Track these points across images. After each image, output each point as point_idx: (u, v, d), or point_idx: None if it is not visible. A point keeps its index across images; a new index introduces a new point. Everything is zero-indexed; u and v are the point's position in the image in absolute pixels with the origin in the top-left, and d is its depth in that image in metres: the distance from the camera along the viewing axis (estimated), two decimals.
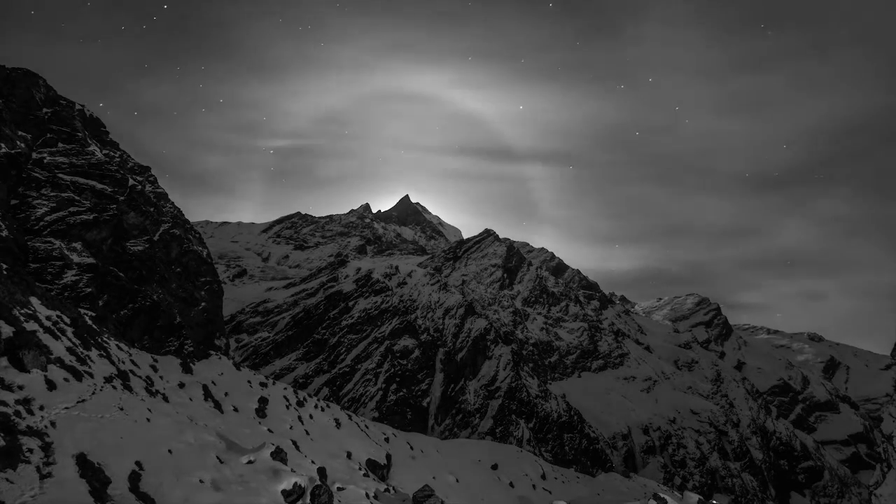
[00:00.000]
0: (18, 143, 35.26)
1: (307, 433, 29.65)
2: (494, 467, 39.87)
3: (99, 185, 38.40)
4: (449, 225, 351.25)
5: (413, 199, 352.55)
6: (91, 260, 33.98)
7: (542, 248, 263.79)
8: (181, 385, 26.27)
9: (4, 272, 22.60)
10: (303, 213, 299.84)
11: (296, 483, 16.57)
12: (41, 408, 10.99)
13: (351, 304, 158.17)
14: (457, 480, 33.32)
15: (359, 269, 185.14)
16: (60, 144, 38.88)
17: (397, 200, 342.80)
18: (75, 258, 32.91)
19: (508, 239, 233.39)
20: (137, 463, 11.38)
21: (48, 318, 18.55)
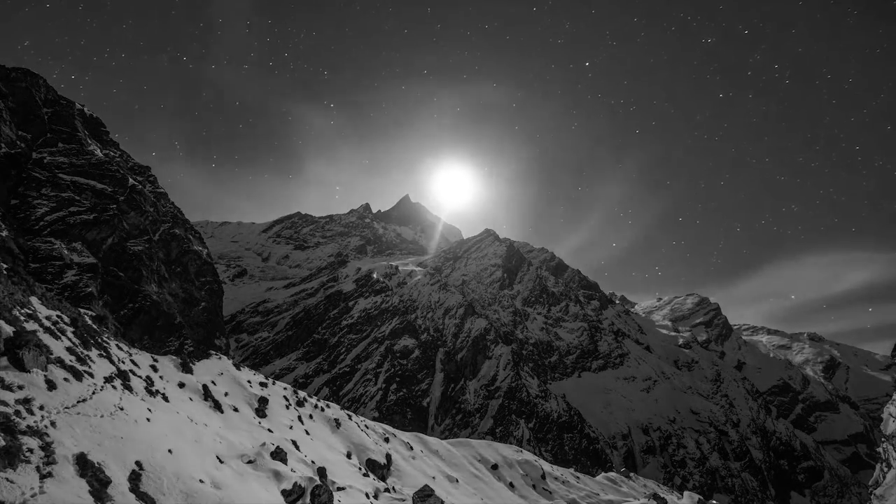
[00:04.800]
0: (18, 142, 35.27)
1: (307, 433, 29.64)
2: (494, 467, 39.86)
3: (99, 185, 38.36)
4: (449, 225, 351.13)
5: (413, 200, 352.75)
6: (91, 260, 33.95)
7: (543, 248, 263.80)
8: (181, 385, 26.24)
9: (4, 272, 22.60)
10: (303, 213, 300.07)
11: (296, 483, 16.58)
12: (41, 408, 10.98)
13: (351, 304, 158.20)
14: (457, 480, 33.33)
15: (359, 269, 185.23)
16: (60, 144, 38.83)
17: (397, 200, 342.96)
18: (75, 258, 32.88)
19: (508, 239, 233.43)
20: (137, 463, 11.37)
21: (48, 317, 18.53)
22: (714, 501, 46.21)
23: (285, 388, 39.42)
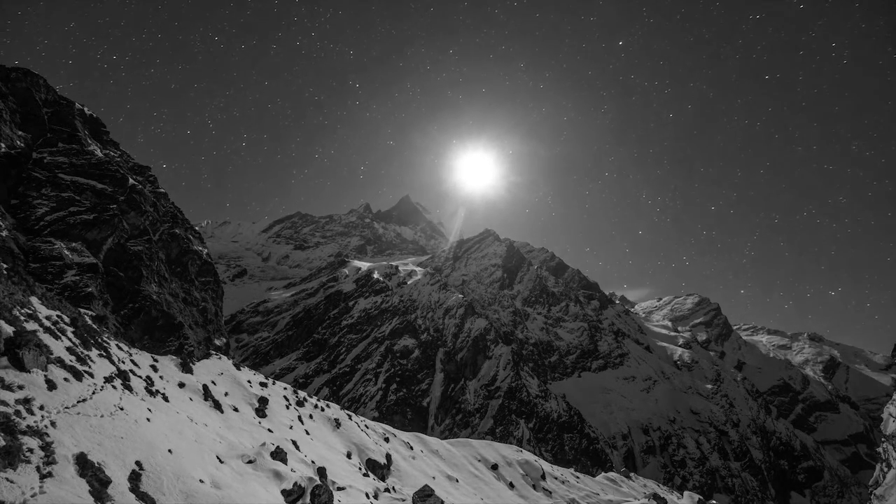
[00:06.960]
0: (18, 142, 35.28)
1: (307, 433, 29.65)
2: (494, 467, 39.85)
3: (99, 185, 38.38)
4: (449, 225, 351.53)
5: (413, 200, 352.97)
6: (91, 260, 33.95)
7: (543, 248, 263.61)
8: (181, 385, 26.25)
9: (4, 272, 22.61)
10: (303, 212, 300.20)
11: (296, 483, 16.58)
12: (41, 408, 10.98)
13: (351, 303, 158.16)
14: (457, 480, 33.32)
15: (359, 268, 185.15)
16: (60, 144, 38.84)
17: (397, 200, 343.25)
18: (75, 258, 32.89)
19: (508, 239, 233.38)
20: (137, 463, 11.37)
21: (48, 317, 18.53)
22: (714, 501, 46.22)
23: (285, 388, 39.44)
